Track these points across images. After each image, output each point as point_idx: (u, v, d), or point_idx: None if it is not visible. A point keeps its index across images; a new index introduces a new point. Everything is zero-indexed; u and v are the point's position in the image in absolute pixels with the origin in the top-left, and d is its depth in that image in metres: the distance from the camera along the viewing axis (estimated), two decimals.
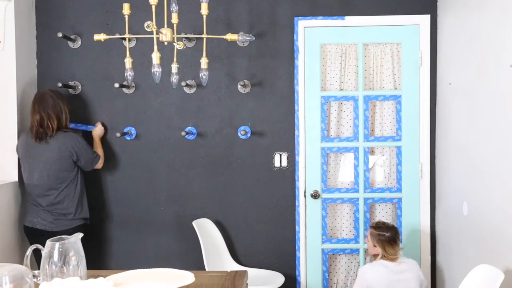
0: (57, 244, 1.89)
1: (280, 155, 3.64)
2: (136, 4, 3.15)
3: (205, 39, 2.66)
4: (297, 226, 3.64)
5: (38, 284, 1.91)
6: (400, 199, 3.62)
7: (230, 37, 2.67)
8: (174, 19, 2.55)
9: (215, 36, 2.83)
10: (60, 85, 3.50)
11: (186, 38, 3.51)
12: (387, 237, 2.99)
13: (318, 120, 3.60)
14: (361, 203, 3.62)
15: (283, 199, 3.65)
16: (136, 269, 2.25)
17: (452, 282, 3.27)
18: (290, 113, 3.62)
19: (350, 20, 3.55)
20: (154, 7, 2.38)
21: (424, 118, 3.56)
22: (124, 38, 2.69)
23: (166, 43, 2.49)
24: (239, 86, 3.61)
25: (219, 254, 3.55)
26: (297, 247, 3.65)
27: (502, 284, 2.19)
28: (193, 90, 3.63)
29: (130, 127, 3.65)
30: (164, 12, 2.50)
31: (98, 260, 3.65)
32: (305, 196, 3.63)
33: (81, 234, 1.99)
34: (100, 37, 2.58)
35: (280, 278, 3.44)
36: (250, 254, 3.68)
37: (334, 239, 3.68)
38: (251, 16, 3.59)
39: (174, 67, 2.72)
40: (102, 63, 3.63)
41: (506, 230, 2.42)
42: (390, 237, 2.99)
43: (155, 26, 2.33)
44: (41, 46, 3.64)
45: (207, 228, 3.56)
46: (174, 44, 2.60)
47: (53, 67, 3.63)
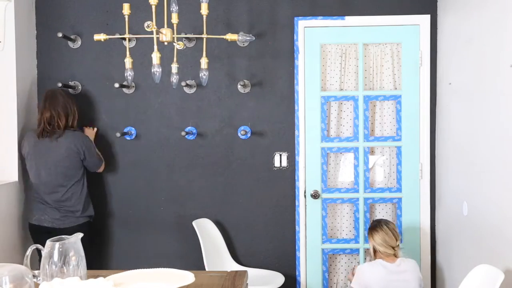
0: (57, 244, 1.89)
1: (280, 155, 3.64)
2: (136, 4, 3.15)
3: (205, 39, 2.66)
4: (297, 226, 3.64)
5: (38, 284, 1.91)
6: (400, 199, 3.62)
7: (230, 37, 2.67)
8: (174, 19, 2.55)
9: (215, 36, 2.83)
10: (60, 85, 3.50)
11: (186, 38, 3.51)
12: (379, 232, 2.96)
13: (318, 120, 3.60)
14: (361, 203, 3.62)
15: (283, 199, 3.65)
16: (136, 269, 2.25)
17: (452, 282, 3.27)
18: (290, 113, 3.62)
19: (350, 20, 3.55)
20: (154, 7, 2.38)
21: (424, 118, 3.56)
22: (124, 38, 2.69)
23: (166, 43, 2.49)
24: (239, 86, 3.61)
25: (219, 254, 3.55)
26: (297, 247, 3.65)
27: (502, 284, 2.18)
28: (193, 90, 3.63)
29: (130, 127, 3.65)
30: (164, 12, 2.50)
31: (98, 260, 3.66)
32: (305, 196, 3.63)
33: (81, 234, 1.99)
34: (100, 37, 2.58)
35: (280, 278, 3.44)
36: (250, 254, 3.68)
37: (334, 239, 3.68)
38: (251, 16, 3.59)
39: (174, 67, 2.72)
40: (102, 63, 3.64)
41: (506, 230, 2.42)
42: (383, 232, 2.96)
43: (155, 26, 2.33)
44: (41, 46, 3.64)
45: (207, 228, 3.56)
46: (174, 44, 2.60)
47: (53, 67, 3.64)
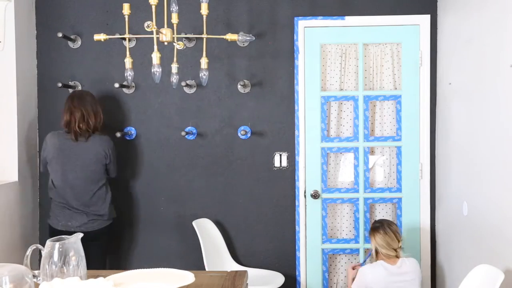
0: (57, 244, 1.89)
1: (280, 155, 3.64)
2: (136, 4, 3.15)
3: (205, 39, 2.66)
4: (297, 226, 3.64)
5: (38, 284, 1.91)
6: (400, 199, 3.62)
7: (230, 37, 2.67)
8: (174, 19, 2.55)
9: (215, 36, 2.83)
10: (60, 85, 3.50)
11: (186, 38, 3.51)
12: (381, 234, 2.95)
13: (318, 120, 3.60)
14: (361, 203, 3.62)
15: (283, 199, 3.65)
16: (136, 269, 2.25)
17: (452, 282, 3.26)
18: (290, 113, 3.62)
19: (350, 20, 3.55)
20: (154, 7, 2.38)
21: (424, 118, 3.56)
22: (124, 38, 2.69)
23: (166, 43, 2.49)
24: (239, 86, 3.61)
25: (219, 254, 3.55)
26: (297, 247, 3.65)
27: (502, 284, 2.18)
28: (193, 90, 3.63)
29: (130, 127, 3.65)
30: (164, 12, 2.50)
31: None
32: (305, 196, 3.63)
33: (81, 234, 1.98)
34: (100, 37, 2.57)
35: (280, 278, 3.44)
36: (250, 254, 3.68)
37: (334, 239, 3.68)
38: (251, 16, 3.59)
39: (174, 67, 2.72)
40: (102, 63, 3.64)
41: (506, 230, 2.42)
42: (386, 235, 2.95)
43: (155, 26, 2.33)
44: (41, 46, 3.64)
45: (207, 228, 3.56)
46: (174, 44, 2.60)
47: (53, 67, 3.64)
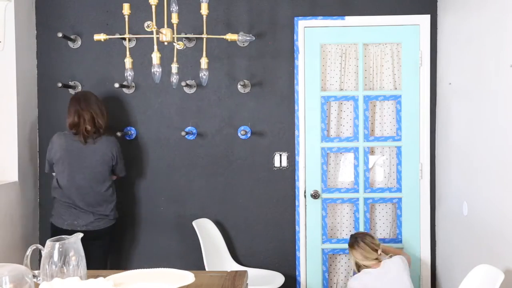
0: (57, 244, 1.88)
1: (280, 155, 3.64)
2: (136, 4, 3.15)
3: (205, 39, 2.66)
4: (297, 226, 3.64)
5: (38, 284, 1.91)
6: (400, 199, 3.62)
7: (230, 37, 2.67)
8: (174, 19, 2.54)
9: (215, 36, 2.83)
10: (60, 85, 3.50)
11: (186, 38, 3.51)
12: (357, 250, 3.11)
13: (318, 120, 3.60)
14: (361, 203, 3.62)
15: (283, 199, 3.65)
16: (136, 269, 2.25)
17: (452, 282, 3.26)
18: (290, 113, 3.62)
19: (350, 20, 3.55)
20: (154, 7, 2.38)
21: (424, 118, 3.56)
22: (124, 38, 2.69)
23: (166, 43, 2.49)
24: (239, 86, 3.61)
25: (219, 254, 3.55)
26: (297, 247, 3.65)
27: (502, 284, 2.18)
28: (193, 90, 3.63)
29: (130, 127, 3.65)
30: (164, 12, 2.50)
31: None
32: (305, 196, 3.63)
33: (81, 234, 1.98)
34: (100, 37, 2.57)
35: (280, 278, 3.44)
36: (250, 254, 3.68)
37: (334, 239, 3.68)
38: (251, 16, 3.59)
39: (174, 67, 2.72)
40: (102, 63, 3.63)
41: (506, 230, 2.42)
42: (361, 249, 3.10)
43: (155, 26, 2.33)
44: (41, 46, 3.64)
45: (207, 228, 3.56)
46: (174, 44, 2.60)
47: (53, 67, 3.63)
